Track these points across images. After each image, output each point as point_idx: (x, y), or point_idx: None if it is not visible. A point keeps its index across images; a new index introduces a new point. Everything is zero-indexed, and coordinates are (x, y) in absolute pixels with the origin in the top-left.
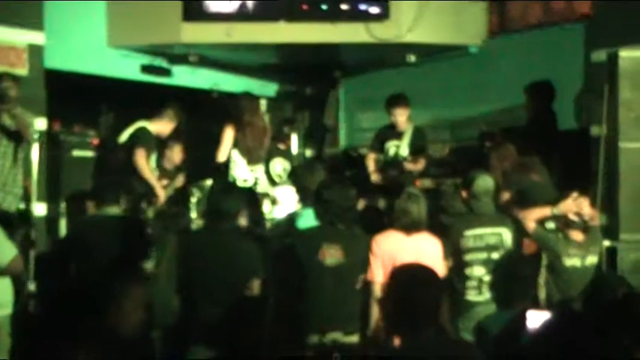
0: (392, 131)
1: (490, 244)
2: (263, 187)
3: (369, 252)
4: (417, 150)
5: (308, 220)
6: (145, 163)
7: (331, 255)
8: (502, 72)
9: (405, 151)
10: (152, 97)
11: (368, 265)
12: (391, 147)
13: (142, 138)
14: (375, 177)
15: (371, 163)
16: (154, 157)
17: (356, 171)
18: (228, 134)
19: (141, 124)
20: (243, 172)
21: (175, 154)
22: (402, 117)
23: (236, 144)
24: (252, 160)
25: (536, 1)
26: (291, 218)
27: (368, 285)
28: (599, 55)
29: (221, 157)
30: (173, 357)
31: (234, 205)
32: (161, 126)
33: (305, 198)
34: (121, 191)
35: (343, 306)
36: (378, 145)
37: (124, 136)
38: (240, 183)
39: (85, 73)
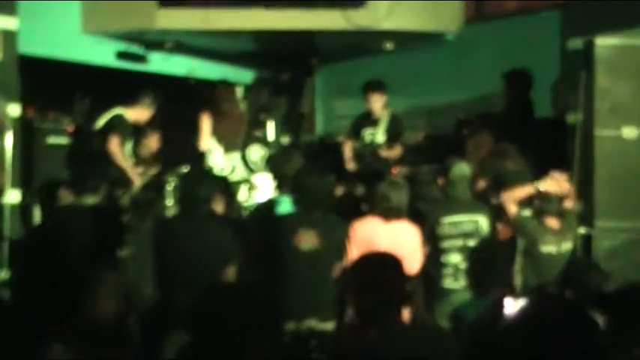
0: (368, 118)
1: (466, 231)
2: (240, 174)
3: (346, 238)
4: (393, 137)
5: (285, 206)
6: (119, 150)
7: (306, 240)
8: (479, 59)
9: (380, 138)
10: (127, 84)
11: (345, 251)
12: (367, 134)
13: (116, 125)
14: (351, 164)
15: (347, 150)
16: (129, 145)
17: (332, 158)
18: (205, 122)
19: (117, 110)
20: (220, 160)
21: (152, 142)
22: (378, 104)
23: (212, 132)
24: (228, 148)
25: None
26: (268, 205)
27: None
28: (575, 43)
29: (203, 145)
30: (151, 341)
31: (207, 192)
32: (138, 113)
33: (282, 185)
34: (100, 181)
35: (319, 292)
36: (355, 133)
37: (100, 123)
38: (217, 171)
39: (60, 59)
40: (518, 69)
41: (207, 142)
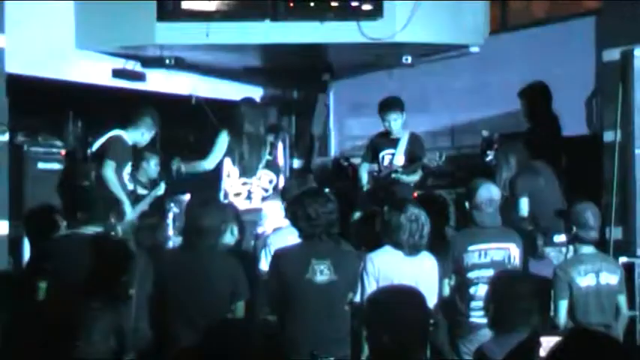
0: (386, 139)
1: (496, 261)
2: (256, 201)
3: (360, 270)
4: (413, 159)
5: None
6: (113, 176)
7: (321, 272)
8: (505, 72)
9: (400, 160)
10: (124, 104)
11: (357, 283)
12: (385, 156)
13: (112, 148)
14: (368, 188)
15: (364, 173)
16: (127, 169)
17: (347, 182)
18: (223, 141)
19: (115, 132)
20: (236, 185)
21: (151, 167)
22: (396, 123)
23: (230, 152)
24: (245, 171)
25: None
26: (278, 234)
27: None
28: (612, 54)
29: (209, 164)
30: None
31: (214, 222)
32: (138, 135)
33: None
34: (98, 210)
35: (334, 328)
36: (371, 154)
37: (96, 146)
38: (231, 197)
39: (51, 79)
40: (534, 83)
41: (215, 162)
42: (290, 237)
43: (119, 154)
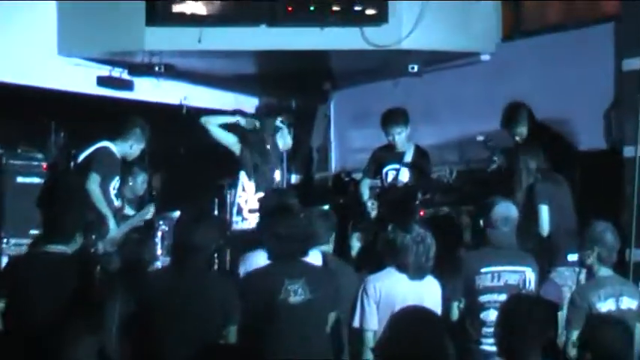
0: (389, 152)
1: (510, 284)
2: None
3: (338, 287)
4: (419, 174)
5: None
6: (97, 190)
7: (295, 292)
8: (518, 81)
9: (405, 175)
10: (111, 114)
11: (335, 303)
12: (389, 171)
13: (98, 160)
14: (371, 206)
15: (365, 189)
16: (114, 183)
17: (349, 198)
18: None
19: (102, 144)
20: (251, 200)
21: (139, 184)
22: (400, 136)
23: (243, 165)
24: (260, 185)
25: None
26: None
27: (352, 332)
28: (632, 63)
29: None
30: None
31: (205, 239)
32: (126, 147)
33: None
34: (74, 227)
35: (314, 350)
36: (374, 169)
37: (81, 157)
38: (245, 213)
39: (32, 86)
40: (510, 104)
41: (242, 178)
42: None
43: (105, 167)
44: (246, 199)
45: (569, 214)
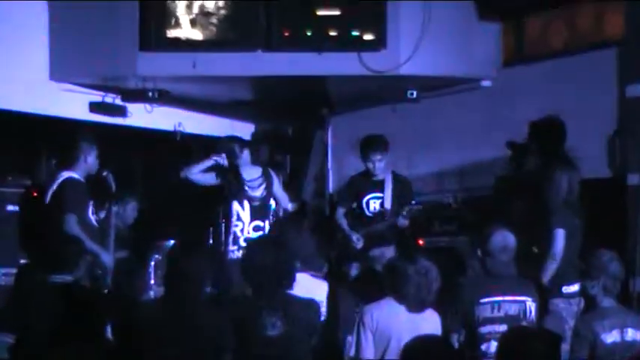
0: (368, 181)
1: (510, 315)
2: None
3: (317, 319)
4: (402, 202)
5: None
6: (79, 231)
7: (273, 325)
8: (520, 108)
9: (388, 203)
10: (103, 141)
11: (316, 332)
12: (371, 200)
13: (67, 199)
14: (357, 240)
15: (343, 220)
16: (89, 210)
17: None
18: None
19: (63, 176)
20: (247, 229)
21: (128, 211)
22: (380, 163)
23: (235, 194)
24: (257, 213)
25: (558, 23)
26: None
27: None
28: (636, 89)
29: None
30: None
31: (199, 269)
32: (82, 165)
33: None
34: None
35: None
36: (352, 198)
37: (49, 196)
38: (242, 242)
39: (22, 112)
40: (547, 118)
41: (234, 206)
42: None
43: (77, 202)
44: (242, 228)
45: (574, 247)
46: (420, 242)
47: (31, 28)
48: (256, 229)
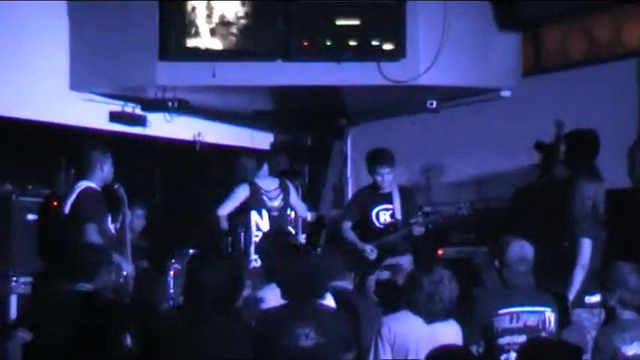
0: (374, 193)
1: (529, 326)
2: None
3: (348, 331)
4: (410, 214)
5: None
6: (99, 240)
7: (306, 336)
8: (539, 118)
9: (399, 214)
10: (123, 150)
11: (349, 345)
12: (380, 212)
13: (85, 208)
14: (370, 252)
15: (350, 233)
16: (109, 220)
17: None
18: (241, 191)
19: (81, 185)
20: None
21: (136, 221)
22: (389, 176)
23: (254, 205)
24: (273, 223)
25: (576, 34)
26: (255, 297)
27: None
28: None
29: (222, 210)
30: None
31: (219, 278)
32: (99, 174)
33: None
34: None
35: None
36: (357, 211)
37: (67, 207)
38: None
39: (42, 122)
40: (583, 129)
41: (229, 208)
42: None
43: (96, 212)
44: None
45: (598, 257)
46: (440, 252)
47: (52, 39)
48: None
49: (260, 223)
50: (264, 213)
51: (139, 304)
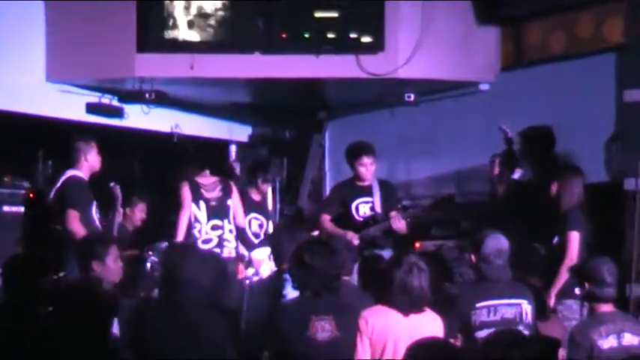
0: (354, 187)
1: (507, 318)
2: (229, 250)
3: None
4: (390, 207)
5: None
6: (80, 228)
7: (323, 329)
8: (519, 113)
9: (379, 207)
10: (100, 142)
11: None
12: (360, 205)
13: (70, 194)
14: (350, 234)
15: (328, 224)
16: (94, 208)
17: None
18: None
19: (67, 174)
20: (205, 229)
21: (137, 213)
22: (372, 167)
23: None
24: (213, 213)
25: (557, 28)
26: (273, 287)
27: None
28: (634, 94)
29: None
30: None
31: (196, 273)
32: (85, 163)
33: (282, 263)
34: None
35: None
36: (336, 205)
37: (52, 194)
38: (199, 245)
39: (19, 113)
40: (538, 126)
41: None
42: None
43: (79, 199)
44: (199, 229)
45: (585, 250)
46: (417, 246)
47: (28, 29)
48: (214, 228)
49: (198, 214)
50: (202, 204)
51: (121, 294)
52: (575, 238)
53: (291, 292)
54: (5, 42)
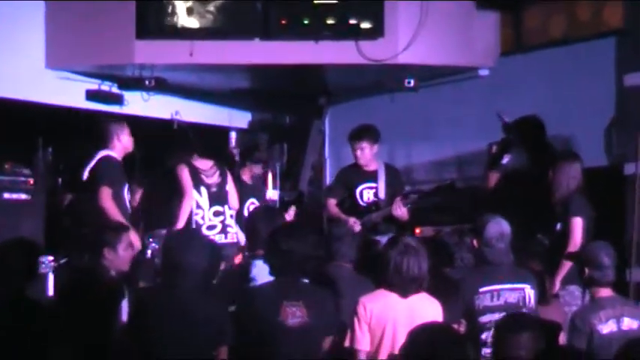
0: (359, 172)
1: (510, 303)
2: (232, 235)
3: (336, 311)
4: (394, 192)
5: (260, 272)
6: (112, 204)
7: (293, 314)
8: (518, 98)
9: (382, 193)
10: (99, 129)
11: (333, 326)
12: (364, 190)
13: (103, 172)
14: (352, 219)
15: (334, 208)
16: (126, 189)
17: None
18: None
19: (101, 153)
20: (208, 216)
21: (138, 200)
22: (364, 151)
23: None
24: (214, 199)
25: (557, 13)
26: (242, 272)
27: (341, 351)
28: (634, 78)
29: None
30: None
31: (195, 258)
32: (118, 144)
33: (256, 248)
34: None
35: None
36: (342, 189)
37: (86, 173)
38: (204, 230)
39: (18, 100)
40: (527, 116)
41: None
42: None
43: (114, 177)
44: (202, 216)
45: (587, 235)
46: (417, 231)
47: (27, 16)
48: (216, 214)
49: (200, 200)
50: (203, 190)
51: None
52: (578, 224)
53: (260, 276)
54: (5, 29)
